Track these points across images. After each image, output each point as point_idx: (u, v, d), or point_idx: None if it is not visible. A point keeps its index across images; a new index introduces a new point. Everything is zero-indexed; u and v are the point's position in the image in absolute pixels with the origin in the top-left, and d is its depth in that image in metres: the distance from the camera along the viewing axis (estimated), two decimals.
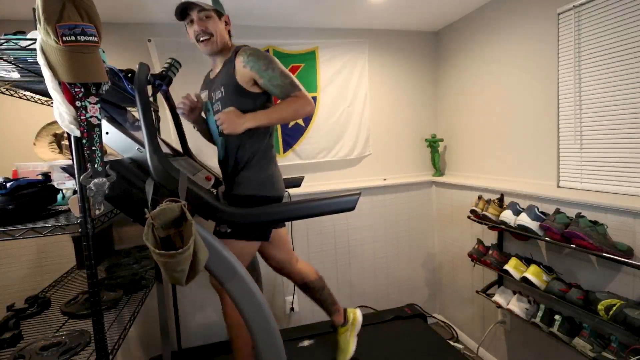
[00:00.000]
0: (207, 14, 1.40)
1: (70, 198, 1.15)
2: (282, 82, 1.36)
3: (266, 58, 1.37)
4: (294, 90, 1.36)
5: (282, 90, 1.36)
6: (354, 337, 1.79)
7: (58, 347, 1.07)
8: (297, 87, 1.36)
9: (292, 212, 1.33)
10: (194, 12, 1.41)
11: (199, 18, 1.41)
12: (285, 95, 1.37)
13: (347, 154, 2.67)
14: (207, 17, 1.40)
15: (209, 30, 1.41)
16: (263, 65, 1.35)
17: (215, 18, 1.42)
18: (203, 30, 1.41)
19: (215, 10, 1.41)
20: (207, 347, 2.17)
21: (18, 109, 1.98)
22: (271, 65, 1.36)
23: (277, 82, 1.36)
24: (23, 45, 0.93)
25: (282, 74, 1.36)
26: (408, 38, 2.77)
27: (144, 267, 1.78)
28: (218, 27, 1.42)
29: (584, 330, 1.53)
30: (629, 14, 1.51)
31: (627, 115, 1.55)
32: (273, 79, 1.36)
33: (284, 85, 1.36)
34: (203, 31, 1.41)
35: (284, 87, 1.36)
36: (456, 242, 2.59)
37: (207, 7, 1.39)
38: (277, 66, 1.37)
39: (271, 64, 1.36)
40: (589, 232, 1.47)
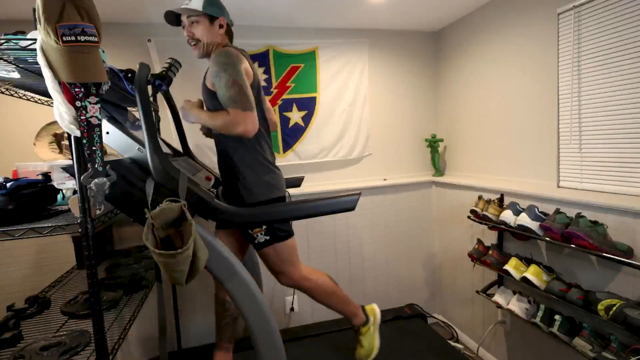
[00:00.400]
0: (195, 19, 1.40)
1: (70, 198, 1.15)
2: (223, 92, 1.30)
3: (220, 64, 1.31)
4: (229, 105, 1.29)
5: (222, 100, 1.32)
6: (377, 333, 1.71)
7: (58, 347, 1.07)
8: (234, 103, 1.28)
9: (292, 212, 1.33)
10: (184, 17, 1.42)
11: (188, 23, 1.42)
12: (225, 106, 1.31)
13: (347, 154, 2.67)
14: (195, 22, 1.41)
15: (195, 36, 1.42)
16: (215, 72, 1.32)
17: (204, 23, 1.41)
18: (190, 36, 1.42)
19: (206, 15, 1.40)
20: (207, 347, 2.17)
21: (18, 109, 1.98)
22: (220, 73, 1.31)
23: (220, 92, 1.31)
24: (23, 45, 0.93)
25: (226, 85, 1.29)
26: (408, 38, 2.77)
27: (144, 267, 1.78)
28: (207, 32, 1.41)
29: (584, 330, 1.53)
30: (629, 14, 1.51)
31: (627, 115, 1.55)
32: (219, 89, 1.32)
33: (223, 96, 1.31)
34: (190, 37, 1.43)
35: (223, 98, 1.31)
36: (456, 242, 2.59)
37: (194, 14, 1.39)
38: (226, 75, 1.30)
39: (221, 72, 1.30)
40: (589, 232, 1.47)
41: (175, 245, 1.06)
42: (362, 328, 1.68)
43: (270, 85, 2.48)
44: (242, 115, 1.27)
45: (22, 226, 1.05)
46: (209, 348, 2.15)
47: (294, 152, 2.55)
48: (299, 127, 2.55)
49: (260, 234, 1.43)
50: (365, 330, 1.68)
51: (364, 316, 1.69)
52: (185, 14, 1.40)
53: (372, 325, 1.69)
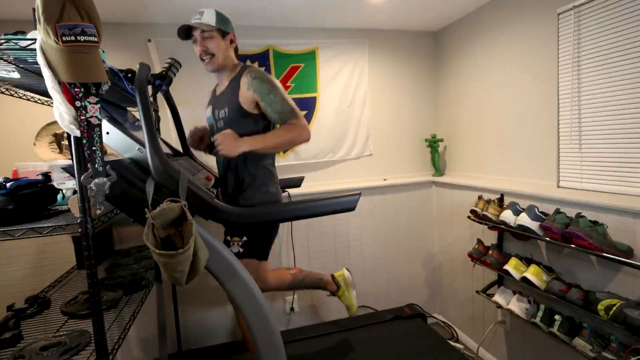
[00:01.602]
0: (209, 35, 1.44)
1: (70, 198, 1.15)
2: (282, 108, 1.37)
3: (270, 82, 1.39)
4: (292, 118, 1.37)
5: (280, 116, 1.38)
6: (352, 292, 1.90)
7: (58, 347, 1.06)
8: (296, 115, 1.38)
9: (292, 212, 1.33)
10: (197, 31, 1.45)
11: (202, 38, 1.45)
12: (283, 121, 1.38)
13: (347, 154, 2.67)
14: (209, 38, 1.44)
15: (210, 50, 1.45)
16: (266, 90, 1.38)
17: (217, 37, 1.45)
18: (204, 50, 1.46)
19: (218, 30, 1.44)
20: (207, 350, 2.17)
21: (18, 109, 1.98)
22: (273, 90, 1.38)
23: (277, 107, 1.38)
24: (23, 45, 0.93)
25: (282, 101, 1.38)
26: (408, 38, 2.77)
27: (144, 267, 1.78)
28: (220, 47, 1.46)
29: (584, 330, 1.53)
30: (629, 14, 1.51)
31: (627, 115, 1.55)
32: (274, 105, 1.38)
33: (283, 112, 1.37)
34: (204, 51, 1.46)
35: (283, 113, 1.38)
36: (456, 242, 2.59)
37: (208, 29, 1.42)
38: (279, 92, 1.39)
39: (274, 89, 1.38)
40: (589, 232, 1.46)
41: (176, 246, 1.06)
42: (337, 293, 1.88)
43: None
44: (305, 123, 1.39)
45: (22, 226, 1.05)
46: (210, 350, 2.16)
47: (294, 152, 2.55)
48: None
49: (236, 244, 1.47)
50: (340, 293, 1.88)
51: (334, 284, 1.87)
52: (202, 28, 1.43)
53: (344, 288, 1.88)
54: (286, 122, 1.38)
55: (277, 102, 1.37)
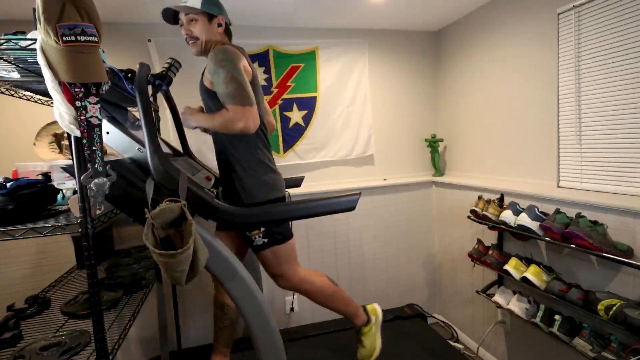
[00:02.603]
0: (193, 17, 1.40)
1: (70, 198, 1.15)
2: (222, 89, 1.28)
3: (219, 61, 1.29)
4: (228, 101, 1.26)
5: (221, 97, 1.29)
6: (379, 333, 1.68)
7: (58, 347, 1.07)
8: (233, 99, 1.25)
9: (292, 212, 1.33)
10: (182, 14, 1.42)
11: (187, 21, 1.41)
12: (223, 104, 1.29)
13: (347, 154, 2.66)
14: (193, 20, 1.40)
15: (193, 34, 1.41)
16: (212, 69, 1.30)
17: (202, 21, 1.40)
18: (188, 34, 1.42)
19: (204, 13, 1.39)
20: (208, 347, 2.17)
21: (18, 109, 1.98)
22: (218, 70, 1.28)
23: (218, 89, 1.29)
24: (23, 45, 0.93)
25: (225, 81, 1.26)
26: (408, 38, 2.77)
27: (144, 267, 1.78)
28: (205, 30, 1.41)
29: (584, 330, 1.53)
30: (629, 14, 1.51)
31: (627, 115, 1.55)
32: (216, 85, 1.29)
33: (221, 92, 1.28)
34: (188, 35, 1.42)
35: (222, 95, 1.28)
36: (456, 242, 2.59)
37: (191, 12, 1.39)
38: (224, 71, 1.27)
39: (219, 69, 1.28)
40: (589, 232, 1.46)
41: (176, 245, 1.06)
42: (363, 328, 1.66)
43: (271, 85, 2.48)
44: (241, 110, 1.25)
45: (22, 226, 1.05)
46: (209, 348, 2.16)
47: (294, 152, 2.55)
48: (299, 127, 2.55)
49: (258, 237, 1.41)
50: (367, 330, 1.66)
51: (365, 316, 1.67)
52: (184, 11, 1.39)
53: (373, 325, 1.67)
54: (224, 104, 1.28)
55: (219, 84, 1.28)
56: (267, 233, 1.42)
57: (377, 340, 1.67)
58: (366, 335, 1.66)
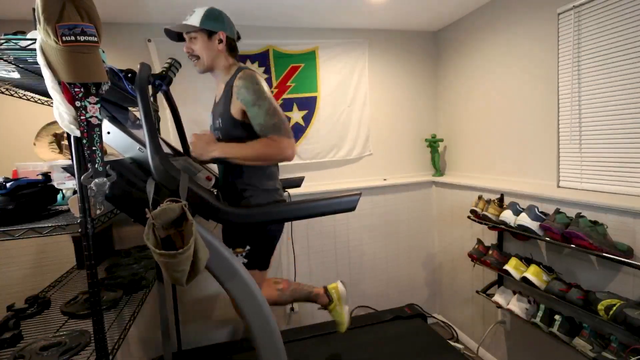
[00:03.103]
0: (193, 36, 1.40)
1: (70, 198, 1.15)
2: (264, 121, 1.28)
3: (257, 92, 1.30)
4: (273, 133, 1.27)
5: (261, 129, 1.29)
6: (343, 307, 1.80)
7: (58, 347, 1.06)
8: (279, 131, 1.28)
9: (292, 212, 1.33)
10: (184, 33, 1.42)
11: (188, 39, 1.42)
12: (263, 135, 1.29)
13: (347, 154, 2.67)
14: (193, 39, 1.41)
15: (194, 52, 1.42)
16: (251, 100, 1.30)
17: (202, 38, 1.39)
18: (189, 52, 1.43)
19: (203, 30, 1.39)
20: (208, 349, 2.17)
21: (18, 109, 1.98)
22: (259, 101, 1.28)
23: (259, 120, 1.29)
24: (23, 45, 0.93)
25: (267, 114, 1.28)
26: (408, 38, 2.77)
27: (144, 267, 1.78)
28: (205, 48, 1.40)
29: (584, 330, 1.53)
30: (629, 14, 1.51)
31: (627, 115, 1.56)
32: (257, 117, 1.29)
33: (265, 124, 1.28)
34: (189, 53, 1.43)
35: (265, 127, 1.28)
36: (456, 242, 2.59)
37: (189, 30, 1.39)
38: (266, 102, 1.29)
39: (259, 100, 1.29)
40: (589, 232, 1.47)
41: (176, 245, 1.06)
42: (329, 307, 1.77)
43: (271, 85, 2.48)
44: (287, 142, 1.28)
45: (22, 226, 1.05)
46: (209, 349, 2.16)
47: None
48: (299, 127, 2.55)
49: (240, 255, 1.43)
50: (332, 307, 1.77)
51: (326, 297, 1.77)
52: (182, 30, 1.40)
53: (337, 302, 1.78)
54: (266, 135, 1.28)
55: (260, 115, 1.28)
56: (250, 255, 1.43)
57: (344, 316, 1.78)
58: (332, 312, 1.79)
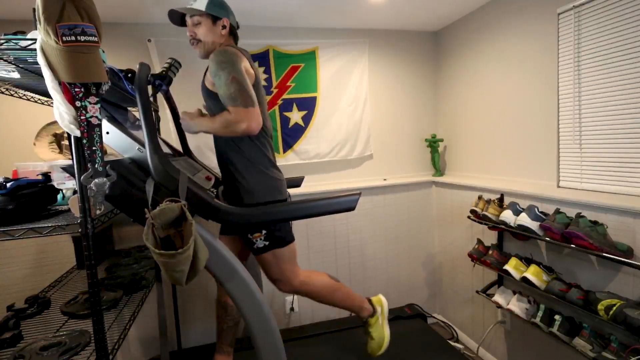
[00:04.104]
0: (197, 20, 1.40)
1: (70, 198, 1.15)
2: (223, 91, 1.27)
3: (219, 63, 1.28)
4: (230, 103, 1.25)
5: (222, 99, 1.29)
6: (386, 323, 1.68)
7: (58, 347, 1.07)
8: (235, 101, 1.25)
9: (292, 212, 1.33)
10: (187, 16, 1.42)
11: (191, 23, 1.42)
12: (226, 106, 1.28)
13: (347, 154, 2.66)
14: (197, 23, 1.40)
15: (197, 36, 1.41)
16: (213, 71, 1.29)
17: (206, 23, 1.40)
18: (192, 36, 1.42)
19: (208, 15, 1.39)
20: (207, 347, 2.17)
21: (18, 109, 1.98)
22: (219, 72, 1.27)
23: (220, 91, 1.28)
24: (23, 45, 0.93)
25: (226, 83, 1.26)
26: (408, 38, 2.77)
27: (144, 267, 1.78)
28: (209, 33, 1.40)
29: (584, 330, 1.53)
30: (629, 14, 1.51)
31: (627, 115, 1.55)
32: (218, 88, 1.29)
33: (223, 95, 1.27)
34: (192, 37, 1.42)
35: (223, 97, 1.27)
36: (456, 242, 2.59)
37: (196, 13, 1.39)
38: (225, 73, 1.26)
39: (219, 71, 1.27)
40: (589, 232, 1.46)
41: (176, 245, 1.06)
42: (370, 320, 1.66)
43: (271, 85, 2.48)
44: (244, 112, 1.24)
45: (22, 226, 1.05)
46: (209, 348, 2.16)
47: (294, 152, 2.55)
48: (299, 127, 2.55)
49: (259, 239, 1.41)
50: (373, 321, 1.65)
51: (370, 308, 1.67)
52: (188, 13, 1.39)
53: (380, 316, 1.67)
54: (227, 107, 1.27)
55: (220, 86, 1.27)
56: (269, 236, 1.42)
57: (385, 331, 1.67)
58: (373, 327, 1.65)
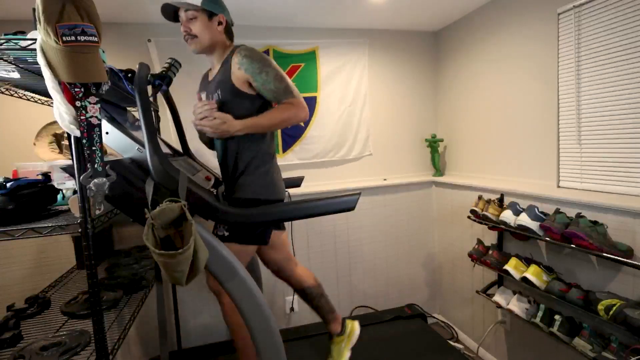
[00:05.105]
0: (193, 15, 1.38)
1: (70, 198, 1.15)
2: (276, 87, 1.32)
3: (261, 60, 1.33)
4: (287, 96, 1.32)
5: (275, 95, 1.33)
6: (348, 349, 1.71)
7: (58, 347, 1.07)
8: (291, 93, 1.33)
9: (292, 212, 1.33)
10: (181, 11, 1.40)
11: (186, 18, 1.39)
12: (278, 100, 1.33)
13: (347, 154, 2.67)
14: (193, 18, 1.38)
15: (192, 32, 1.39)
16: (257, 68, 1.32)
17: (202, 18, 1.38)
18: (187, 31, 1.40)
19: (204, 10, 1.38)
20: (207, 347, 2.17)
21: (18, 109, 1.98)
22: (265, 68, 1.32)
23: (270, 86, 1.32)
24: (23, 45, 0.93)
25: (276, 78, 1.32)
26: (408, 38, 2.77)
27: (144, 267, 1.78)
28: (205, 28, 1.39)
29: (584, 330, 1.53)
30: (629, 14, 1.51)
31: (627, 115, 1.55)
32: (266, 83, 1.32)
33: (277, 90, 1.32)
34: (187, 32, 1.40)
35: (277, 92, 1.33)
36: (456, 242, 2.59)
37: (191, 8, 1.37)
38: (272, 69, 1.33)
39: (265, 67, 1.32)
40: (589, 232, 1.46)
41: (176, 245, 1.06)
42: (335, 337, 1.71)
43: None
44: (301, 102, 1.34)
45: (22, 226, 1.05)
46: (209, 348, 2.16)
47: (293, 152, 2.55)
48: (299, 127, 2.55)
49: (222, 227, 1.40)
50: (338, 340, 1.70)
51: (340, 326, 1.72)
52: (184, 7, 1.38)
53: (346, 338, 1.71)
54: (281, 101, 1.33)
55: (269, 81, 1.31)
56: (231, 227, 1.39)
57: (344, 356, 1.69)
58: (335, 345, 1.71)
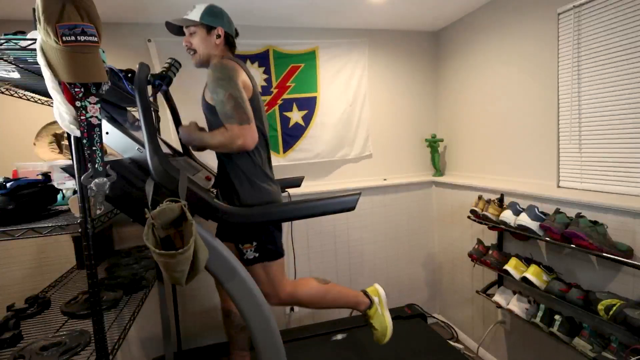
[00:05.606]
0: (192, 30, 1.42)
1: (70, 198, 1.15)
2: (221, 108, 1.29)
3: (217, 80, 1.30)
4: (227, 121, 1.29)
5: (221, 117, 1.31)
6: (385, 311, 1.65)
7: (58, 347, 1.06)
8: (233, 119, 1.28)
9: (292, 212, 1.33)
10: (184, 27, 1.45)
11: (187, 33, 1.44)
12: (223, 122, 1.31)
13: (347, 154, 2.67)
14: (193, 33, 1.43)
15: (192, 46, 1.44)
16: (212, 86, 1.31)
17: (200, 33, 1.42)
18: (188, 46, 1.45)
19: (203, 25, 1.41)
20: (208, 348, 2.17)
21: (18, 109, 1.98)
22: (217, 89, 1.30)
23: (219, 107, 1.30)
24: (23, 45, 0.93)
25: (223, 101, 1.28)
26: (408, 38, 2.77)
27: (144, 267, 1.78)
28: (202, 42, 1.42)
29: (584, 330, 1.53)
30: (629, 14, 1.51)
31: (627, 115, 1.55)
32: (217, 103, 1.31)
33: (221, 112, 1.30)
34: (188, 47, 1.45)
35: (222, 114, 1.30)
36: (456, 242, 2.59)
37: (189, 24, 1.41)
38: (222, 90, 1.29)
39: (218, 87, 1.29)
40: (589, 232, 1.46)
41: (176, 245, 1.06)
42: (368, 312, 1.64)
43: (270, 85, 2.48)
44: (239, 129, 1.28)
45: (22, 226, 1.05)
46: (209, 349, 2.16)
47: (294, 152, 2.55)
48: (299, 127, 2.55)
49: (249, 250, 1.40)
50: (372, 312, 1.64)
51: (367, 300, 1.65)
52: (183, 24, 1.43)
53: (378, 306, 1.65)
54: (224, 123, 1.31)
55: (218, 101, 1.30)
56: (259, 248, 1.41)
57: (387, 319, 1.64)
58: (374, 318, 1.63)
